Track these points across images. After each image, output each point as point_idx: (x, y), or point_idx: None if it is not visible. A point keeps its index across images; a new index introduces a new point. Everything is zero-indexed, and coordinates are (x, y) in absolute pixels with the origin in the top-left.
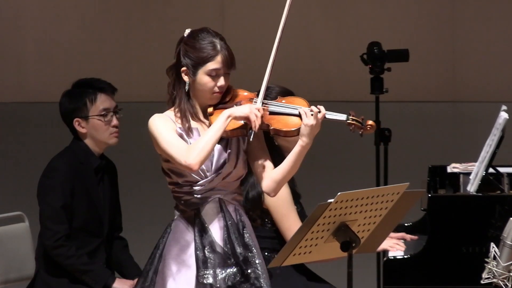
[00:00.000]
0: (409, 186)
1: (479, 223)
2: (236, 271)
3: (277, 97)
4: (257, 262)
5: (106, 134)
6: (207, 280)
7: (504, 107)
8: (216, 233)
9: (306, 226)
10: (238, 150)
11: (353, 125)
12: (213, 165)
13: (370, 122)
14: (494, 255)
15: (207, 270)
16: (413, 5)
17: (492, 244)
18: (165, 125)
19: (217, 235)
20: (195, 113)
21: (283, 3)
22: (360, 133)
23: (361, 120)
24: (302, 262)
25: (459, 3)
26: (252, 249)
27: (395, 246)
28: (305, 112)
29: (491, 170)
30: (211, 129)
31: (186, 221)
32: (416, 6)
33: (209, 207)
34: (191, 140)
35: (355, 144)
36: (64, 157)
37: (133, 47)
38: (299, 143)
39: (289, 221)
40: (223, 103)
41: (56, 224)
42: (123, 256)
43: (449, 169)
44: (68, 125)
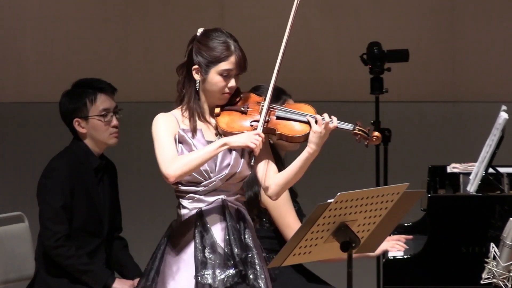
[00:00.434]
0: (409, 186)
1: (479, 223)
2: (235, 272)
3: (284, 102)
4: (256, 262)
5: (106, 134)
6: (206, 280)
7: (504, 107)
8: (218, 234)
9: (306, 226)
10: (242, 151)
11: (359, 135)
12: (217, 167)
13: (376, 133)
14: (494, 255)
15: (206, 270)
16: (413, 5)
17: (492, 244)
18: (165, 127)
19: (219, 236)
20: (202, 113)
21: (283, 3)
22: (366, 143)
23: (367, 131)
24: (302, 262)
25: (459, 3)
26: (252, 249)
27: (395, 246)
28: (315, 120)
29: (491, 170)
30: (202, 150)
31: (188, 221)
32: (416, 6)
33: (212, 207)
34: (194, 141)
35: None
36: (64, 157)
37: (133, 47)
38: (307, 150)
39: (288, 218)
40: (231, 105)
41: (56, 224)
42: (123, 256)
43: (449, 169)
44: (68, 125)
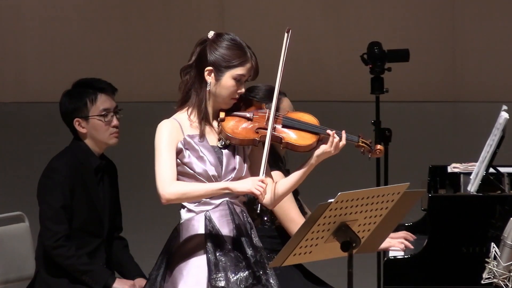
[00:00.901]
0: (409, 186)
1: (479, 223)
2: (248, 274)
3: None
4: (265, 262)
5: (106, 134)
6: (220, 283)
7: (505, 107)
8: (227, 236)
9: (307, 226)
10: (244, 156)
11: (363, 148)
12: (223, 171)
13: (378, 147)
14: (495, 255)
15: (219, 273)
16: (413, 5)
17: (493, 244)
18: (167, 137)
19: (228, 238)
20: (206, 116)
21: (282, 3)
22: (369, 156)
23: (369, 143)
24: (302, 262)
25: (459, 3)
26: (261, 250)
27: (402, 244)
28: (329, 141)
29: (491, 170)
30: (204, 185)
31: (196, 224)
32: (416, 6)
33: (218, 209)
34: (201, 147)
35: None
36: (64, 157)
37: (133, 47)
38: (310, 162)
39: (291, 213)
40: (235, 110)
41: (56, 225)
42: (123, 256)
43: (450, 169)
44: (68, 125)
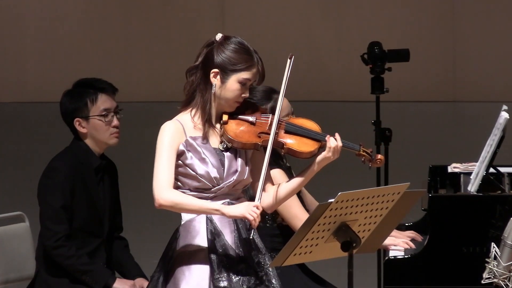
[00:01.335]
0: (409, 186)
1: (479, 223)
2: (250, 274)
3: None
4: (268, 263)
5: (107, 135)
6: (222, 283)
7: (505, 107)
8: (228, 236)
9: (307, 226)
10: (246, 159)
11: (363, 157)
12: (225, 173)
13: (379, 156)
14: (495, 255)
15: (221, 273)
16: (413, 5)
17: (493, 244)
18: (170, 140)
19: (229, 239)
20: (210, 118)
21: (282, 3)
22: (370, 165)
23: (370, 153)
24: (303, 262)
25: (459, 3)
26: (263, 251)
27: (406, 244)
28: (328, 147)
29: (491, 170)
30: (198, 202)
31: (197, 226)
32: (416, 6)
33: None
34: (203, 149)
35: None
36: (64, 157)
37: (133, 47)
38: (312, 168)
39: (294, 209)
40: (239, 114)
41: (56, 224)
42: (123, 256)
43: (450, 169)
44: (68, 125)
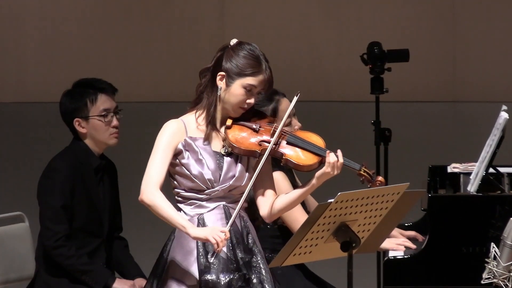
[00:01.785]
0: (409, 186)
1: (479, 223)
2: (238, 276)
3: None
4: (262, 267)
5: (106, 135)
6: (210, 285)
7: (505, 107)
8: None
9: (306, 226)
10: (247, 166)
11: (363, 177)
12: (221, 177)
13: (379, 178)
14: (495, 255)
15: (210, 275)
16: (413, 5)
17: (493, 244)
18: (168, 140)
19: None
20: (214, 121)
21: (283, 3)
22: (369, 185)
23: (371, 174)
24: (303, 262)
25: (459, 3)
26: (257, 254)
27: (403, 244)
28: (328, 162)
29: (491, 170)
30: (172, 213)
31: None
32: (416, 6)
33: (213, 213)
34: (201, 150)
35: (355, 144)
36: (64, 157)
37: (133, 47)
38: (312, 182)
39: (294, 212)
40: (244, 120)
41: (56, 225)
42: (123, 256)
43: (450, 169)
44: (68, 125)
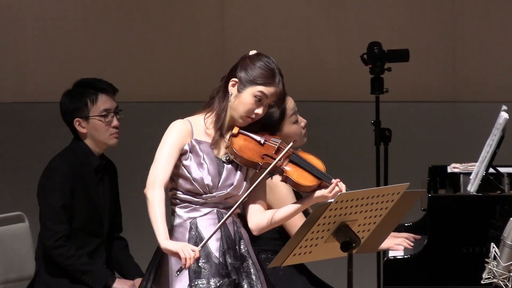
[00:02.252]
0: (409, 186)
1: (479, 223)
2: (228, 281)
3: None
4: (252, 272)
5: (106, 135)
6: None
7: (504, 107)
8: (213, 244)
9: (306, 226)
10: (246, 177)
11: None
12: (220, 184)
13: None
14: (494, 255)
15: (200, 280)
16: (413, 5)
17: (492, 244)
18: (174, 140)
19: (214, 246)
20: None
21: (283, 3)
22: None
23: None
24: (302, 262)
25: (459, 3)
26: (248, 260)
27: (401, 243)
28: (330, 187)
29: (491, 170)
30: (156, 218)
31: (181, 232)
32: (416, 6)
33: (206, 218)
34: (204, 154)
35: (355, 144)
36: (64, 157)
37: (133, 47)
38: (307, 200)
39: (294, 219)
40: (250, 131)
41: (56, 224)
42: (123, 256)
43: (449, 169)
44: (68, 125)
